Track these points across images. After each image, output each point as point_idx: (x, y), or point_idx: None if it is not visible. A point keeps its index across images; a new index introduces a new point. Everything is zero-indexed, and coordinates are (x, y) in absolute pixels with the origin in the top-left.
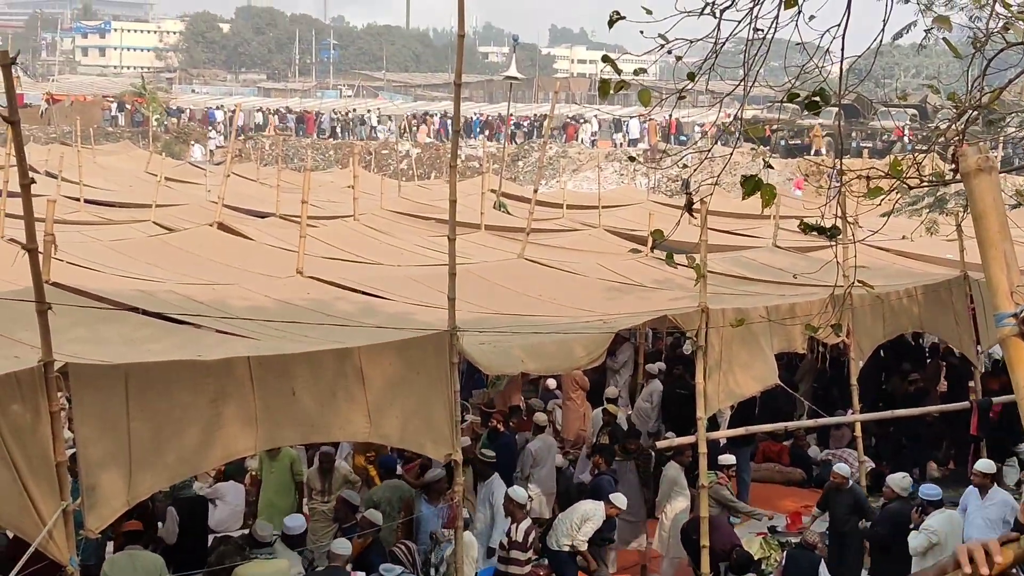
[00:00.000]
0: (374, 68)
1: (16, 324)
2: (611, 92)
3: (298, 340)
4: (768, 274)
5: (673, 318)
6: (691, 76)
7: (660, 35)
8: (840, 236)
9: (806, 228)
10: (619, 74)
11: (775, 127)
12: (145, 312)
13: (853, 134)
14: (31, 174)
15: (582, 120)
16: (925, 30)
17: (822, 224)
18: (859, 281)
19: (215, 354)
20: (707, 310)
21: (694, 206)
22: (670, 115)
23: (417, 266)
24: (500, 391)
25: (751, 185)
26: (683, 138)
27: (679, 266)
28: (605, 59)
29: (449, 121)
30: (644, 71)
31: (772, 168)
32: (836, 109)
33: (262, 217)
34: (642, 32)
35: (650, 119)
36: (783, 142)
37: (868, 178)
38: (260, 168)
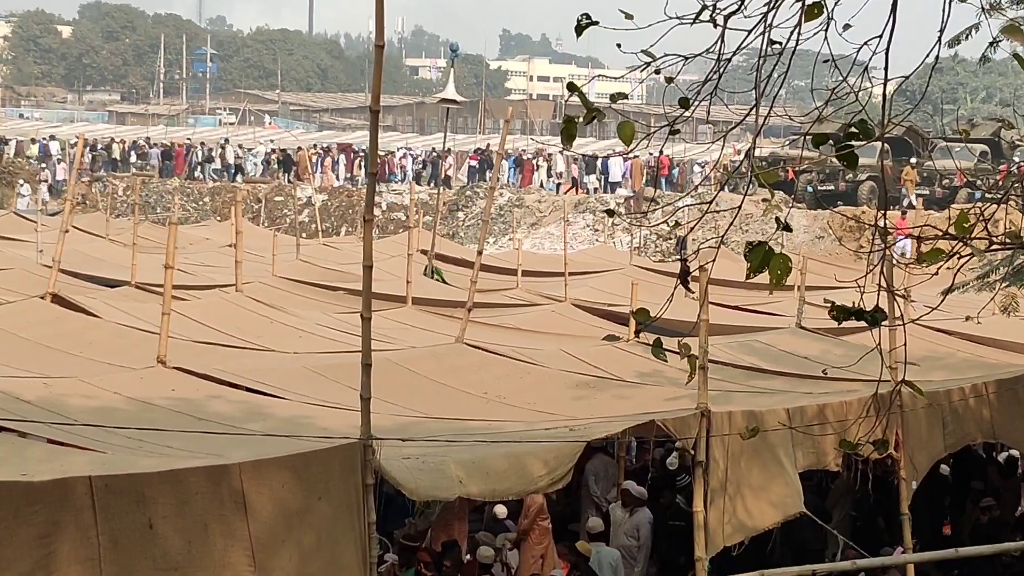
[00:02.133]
0: (265, 86)
1: None
2: (576, 133)
3: (158, 453)
4: (790, 365)
5: (664, 424)
6: (684, 103)
7: (644, 51)
8: (886, 320)
9: (838, 314)
10: (588, 108)
11: (800, 167)
12: None
13: (903, 178)
14: None
15: (544, 157)
16: (991, 41)
17: (860, 306)
18: (906, 382)
19: (45, 472)
20: (709, 414)
21: (691, 274)
22: (660, 152)
23: (320, 353)
24: (431, 522)
25: (758, 257)
26: (678, 182)
27: (671, 353)
28: (572, 88)
29: (364, 157)
30: (624, 96)
31: (788, 229)
32: (880, 145)
33: (113, 286)
34: (619, 45)
35: (634, 156)
36: (810, 188)
37: (922, 238)
38: (111, 220)
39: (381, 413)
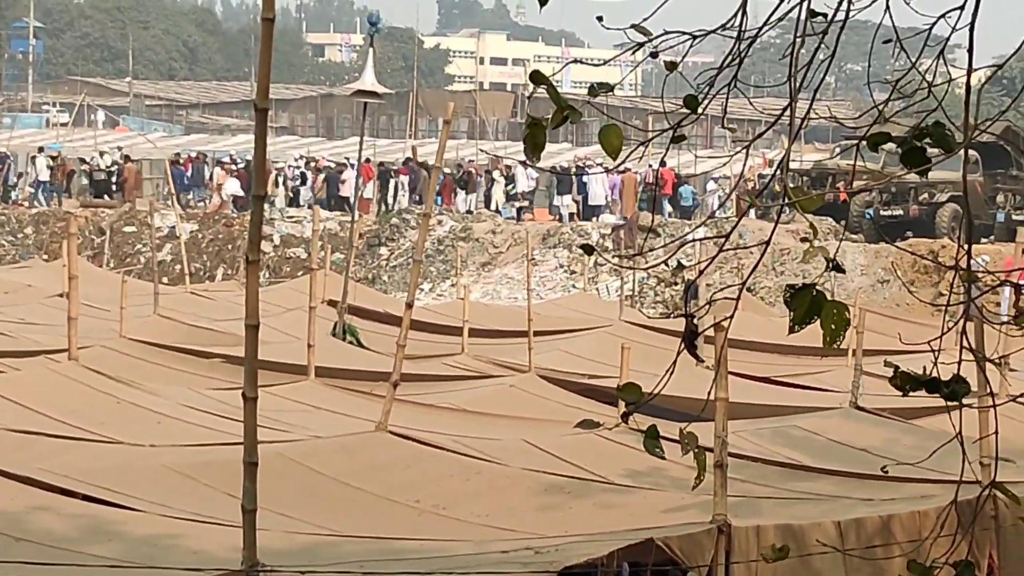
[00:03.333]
0: (111, 72)
1: None
2: (545, 141)
3: None
4: (842, 460)
5: (666, 544)
6: (691, 102)
7: (637, 26)
8: (970, 395)
9: (902, 382)
10: (560, 105)
11: (855, 186)
12: None
13: (999, 196)
14: None
15: (501, 169)
16: None
17: (934, 375)
18: (997, 485)
19: None
20: (729, 529)
21: (703, 333)
22: (660, 164)
23: (187, 446)
24: None
25: (804, 304)
26: (687, 204)
27: (673, 445)
28: (537, 77)
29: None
30: (610, 89)
31: (840, 270)
32: (964, 153)
33: None
34: (601, 19)
35: (624, 170)
36: (869, 213)
37: (1021, 285)
38: None
39: (272, 530)
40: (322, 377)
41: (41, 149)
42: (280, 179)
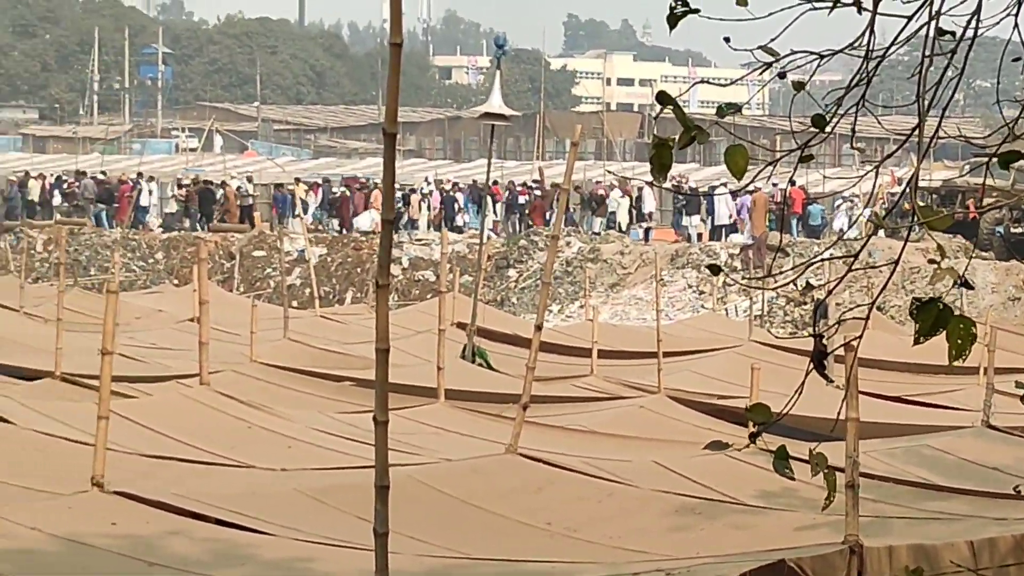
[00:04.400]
0: (240, 97)
1: None
2: (671, 162)
3: None
4: (972, 479)
5: (797, 565)
6: (819, 121)
7: (764, 47)
8: None
9: None
10: (687, 126)
11: (985, 204)
12: None
13: None
14: None
15: (625, 190)
16: None
17: None
18: None
19: None
20: (860, 550)
21: (832, 353)
22: (788, 183)
23: (318, 470)
24: None
25: (929, 317)
26: (815, 223)
27: (805, 466)
28: (663, 98)
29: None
30: (737, 109)
31: (969, 287)
32: None
33: (29, 379)
34: (728, 40)
35: (753, 189)
36: (999, 231)
37: None
38: (27, 287)
39: (403, 553)
40: (452, 400)
41: (140, 175)
42: (423, 203)
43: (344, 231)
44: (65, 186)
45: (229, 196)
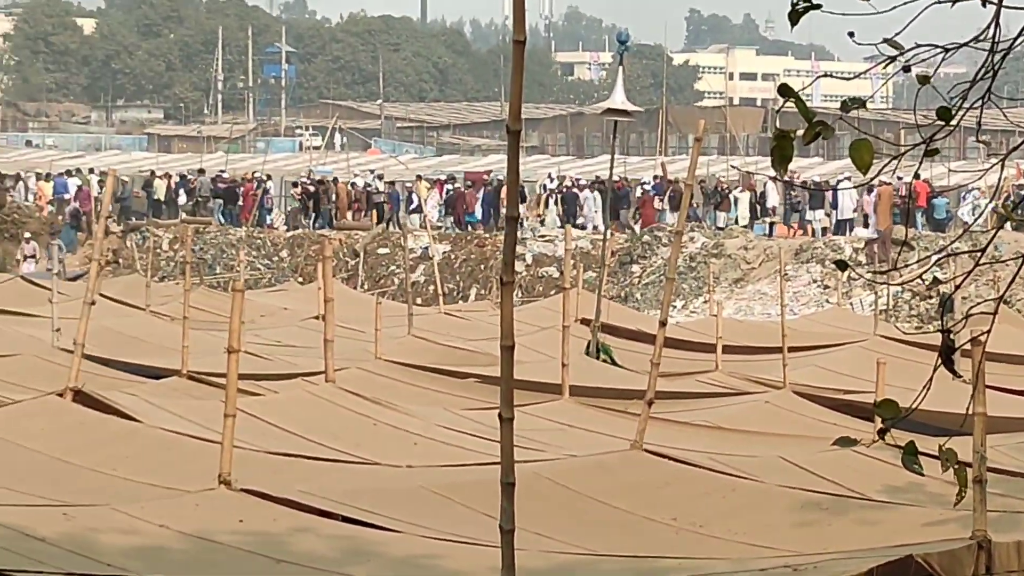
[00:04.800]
0: (362, 95)
1: None
2: (792, 154)
3: None
4: None
5: (925, 561)
6: (944, 115)
7: (888, 40)
8: None
9: None
10: (810, 120)
11: None
12: None
13: None
14: None
15: (749, 186)
16: None
17: None
18: None
19: None
20: (989, 545)
21: (960, 348)
22: (914, 177)
23: (444, 467)
24: None
25: None
26: (940, 217)
27: (934, 462)
28: (786, 91)
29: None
30: (862, 104)
31: None
32: None
33: (156, 378)
34: (852, 34)
35: (879, 183)
36: None
37: None
38: (153, 285)
39: (529, 550)
40: (576, 396)
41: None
42: (554, 200)
43: (462, 228)
44: (189, 185)
45: (340, 193)
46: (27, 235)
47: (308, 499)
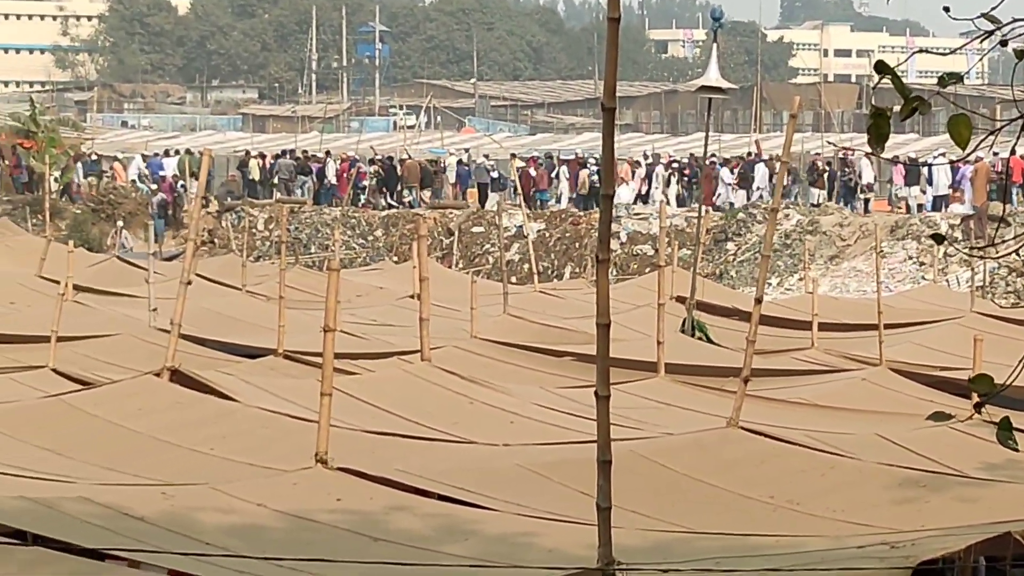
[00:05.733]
0: (456, 74)
1: None
2: (889, 131)
3: None
4: None
5: (1023, 537)
6: None
7: (985, 14)
8: None
9: None
10: (906, 96)
11: None
12: (40, 541)
13: None
14: None
15: (847, 164)
16: None
17: None
18: None
19: None
20: None
21: None
22: (1011, 152)
23: (540, 445)
24: None
25: None
26: None
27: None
28: (881, 67)
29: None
30: (959, 79)
31: None
32: None
33: (253, 357)
34: (947, 9)
35: (974, 159)
36: None
37: None
38: (249, 265)
39: (626, 527)
40: (672, 374)
41: (328, 153)
42: (673, 176)
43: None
44: (282, 165)
45: (410, 171)
46: (123, 216)
47: (404, 478)
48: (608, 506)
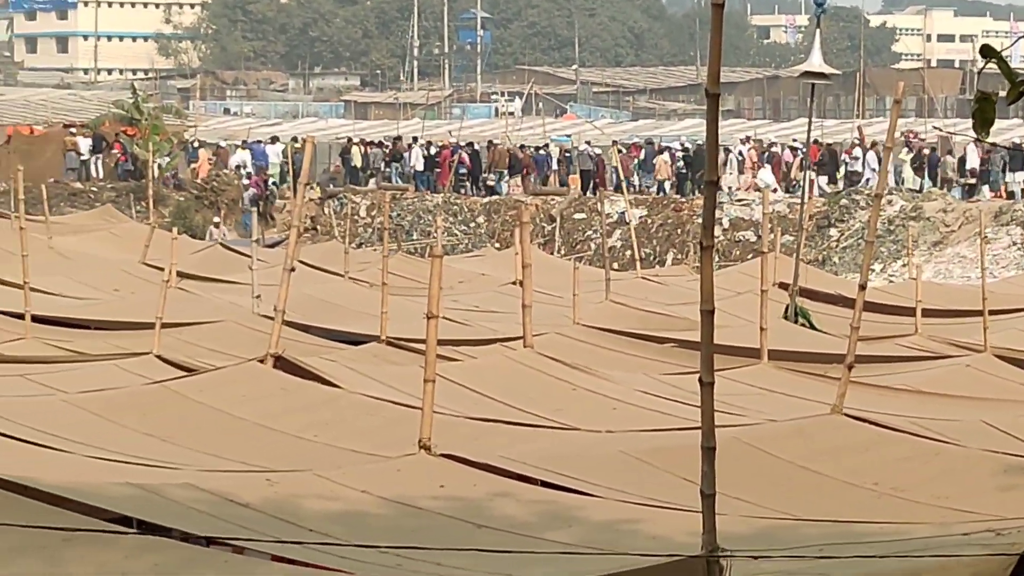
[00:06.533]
0: (558, 60)
1: None
2: (994, 116)
3: None
4: None
5: None
6: None
7: None
8: None
9: None
10: (1012, 81)
11: None
12: (145, 527)
13: None
14: None
15: (950, 146)
16: None
17: None
18: None
19: None
20: None
21: None
22: None
23: (643, 432)
24: None
25: None
26: None
27: None
28: (987, 52)
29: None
30: None
31: None
32: None
33: (356, 343)
34: None
35: None
36: None
37: None
38: (351, 252)
39: (730, 515)
40: (775, 360)
41: (415, 139)
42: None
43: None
44: (386, 151)
45: (498, 157)
46: (226, 203)
47: (508, 464)
48: (712, 493)
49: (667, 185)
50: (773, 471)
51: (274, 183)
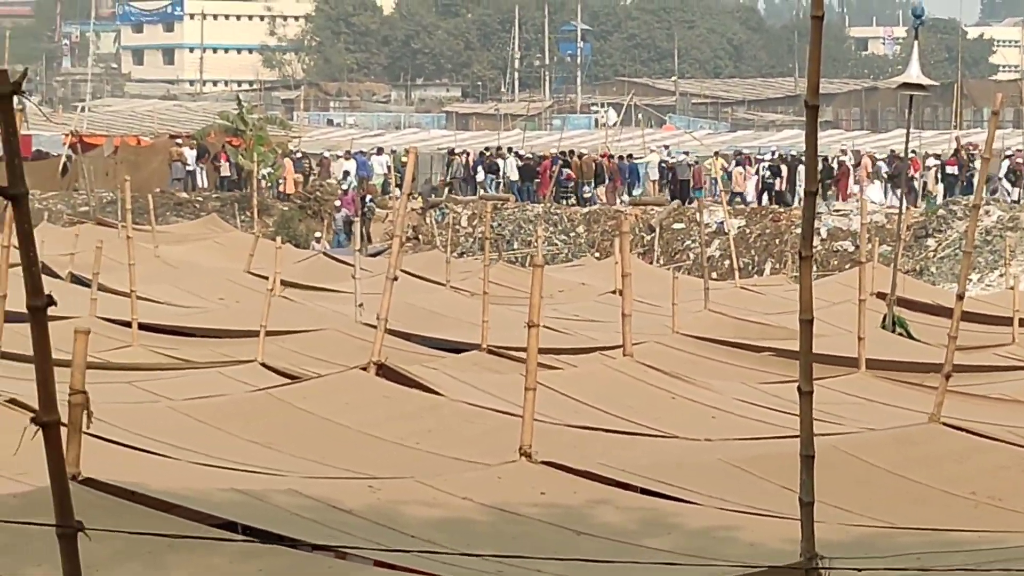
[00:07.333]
0: (657, 72)
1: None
2: None
3: None
4: None
5: None
6: None
7: None
8: None
9: None
10: None
11: None
12: (251, 533)
13: None
14: (49, 283)
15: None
16: None
17: None
18: None
19: None
20: None
21: None
22: None
23: (742, 440)
24: None
25: None
26: None
27: None
28: None
29: (788, 162)
30: None
31: None
32: None
33: (457, 352)
34: None
35: None
36: None
37: None
38: (453, 261)
39: (828, 522)
40: (873, 369)
41: (510, 149)
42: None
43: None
44: (487, 162)
45: (583, 167)
46: (330, 213)
47: (607, 471)
48: (811, 500)
49: (764, 197)
50: (871, 479)
51: (372, 200)
